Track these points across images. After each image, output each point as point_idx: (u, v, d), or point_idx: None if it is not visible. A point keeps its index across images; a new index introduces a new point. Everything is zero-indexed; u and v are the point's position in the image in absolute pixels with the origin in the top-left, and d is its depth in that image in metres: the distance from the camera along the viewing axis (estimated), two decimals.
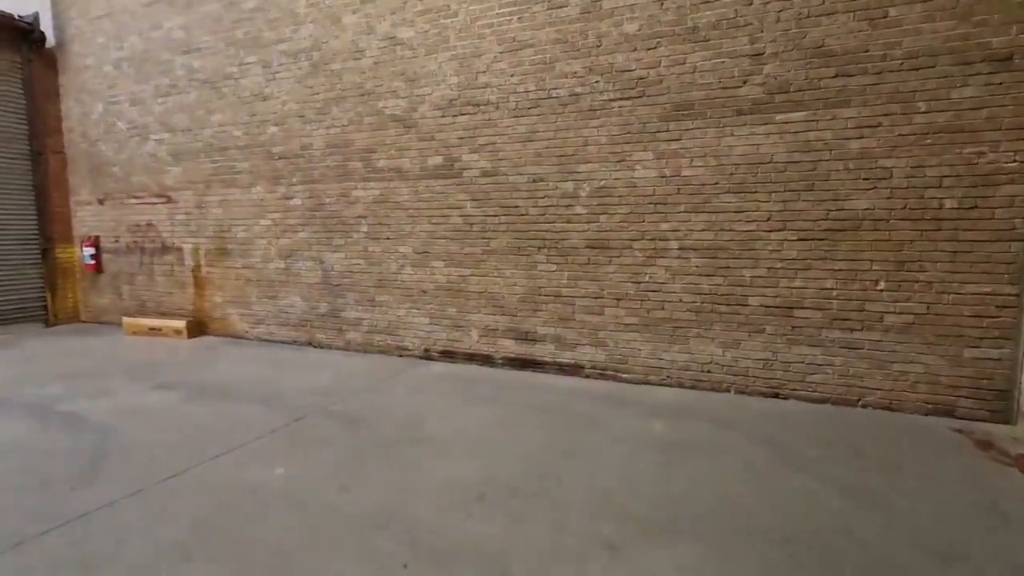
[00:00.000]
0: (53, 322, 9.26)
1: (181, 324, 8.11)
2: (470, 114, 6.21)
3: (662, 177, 5.40)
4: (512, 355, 6.26)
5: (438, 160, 6.45)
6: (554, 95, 5.78)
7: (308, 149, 7.26)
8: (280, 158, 7.49)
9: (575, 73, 5.67)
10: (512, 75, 5.94)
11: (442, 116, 6.36)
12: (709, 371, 5.35)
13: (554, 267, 5.97)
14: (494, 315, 6.31)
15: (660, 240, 5.46)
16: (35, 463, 3.83)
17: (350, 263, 7.15)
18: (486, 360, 6.40)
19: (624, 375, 5.72)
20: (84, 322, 9.63)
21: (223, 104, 7.81)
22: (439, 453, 3.98)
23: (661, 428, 4.44)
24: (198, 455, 3.95)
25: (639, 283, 5.58)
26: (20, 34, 8.70)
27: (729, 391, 5.27)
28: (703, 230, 5.26)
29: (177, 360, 6.86)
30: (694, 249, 5.34)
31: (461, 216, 6.39)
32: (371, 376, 6.05)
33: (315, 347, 7.48)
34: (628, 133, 5.49)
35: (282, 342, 7.73)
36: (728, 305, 5.24)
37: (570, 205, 5.83)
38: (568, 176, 5.80)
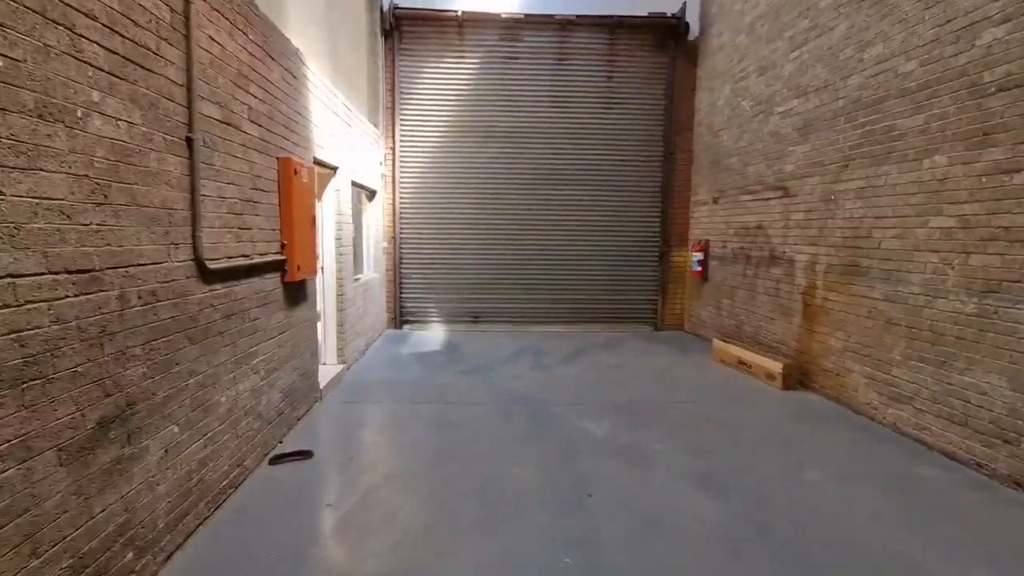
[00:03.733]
0: (660, 327, 9.03)
1: (776, 367, 5.75)
2: None
3: None
4: None
5: None
6: None
7: None
8: (999, 91, 3.66)
9: None
10: None
11: None
12: None
13: None
14: None
15: None
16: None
17: None
18: None
19: None
20: (686, 332, 8.96)
21: (888, 23, 4.65)
22: None
23: None
24: None
25: None
26: (668, 32, 8.52)
27: None
28: None
29: (752, 428, 4.53)
30: None
31: None
32: None
33: None
34: None
35: (944, 452, 4.01)
36: None
37: None
38: None
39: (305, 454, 3.89)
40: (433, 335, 8.42)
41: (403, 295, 8.79)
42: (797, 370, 5.74)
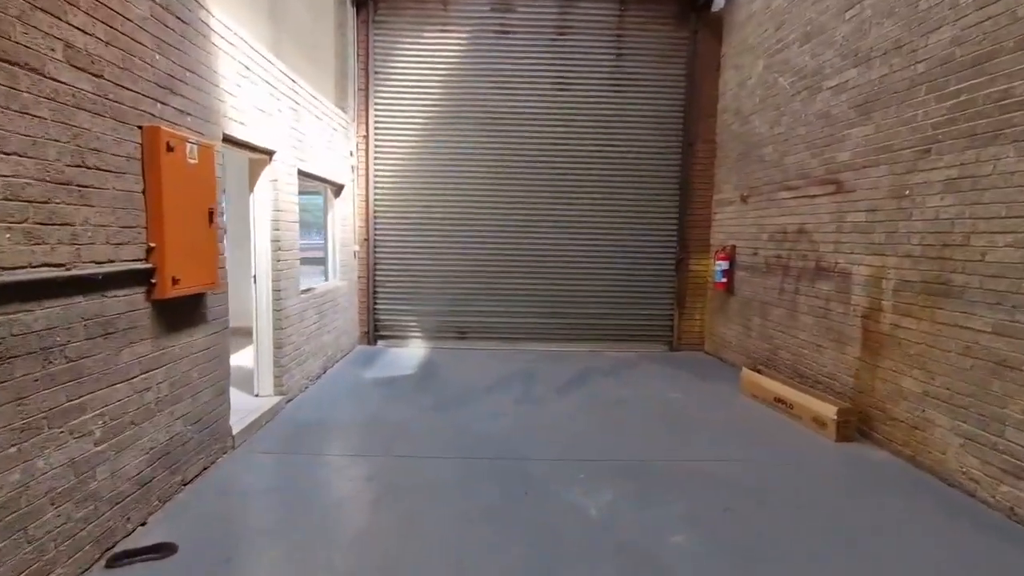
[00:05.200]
0: (676, 346, 7.74)
1: (828, 411, 4.45)
2: None
3: None
4: None
5: None
6: None
7: None
8: None
9: None
10: None
11: None
12: None
13: None
14: None
15: None
16: None
17: None
18: None
19: None
20: (706, 353, 7.67)
21: None
22: None
23: None
24: None
25: None
26: (688, 2, 7.26)
27: None
28: None
29: (808, 508, 3.26)
30: None
31: None
32: None
33: None
34: None
35: None
36: None
37: None
38: None
39: (164, 550, 2.71)
40: (410, 354, 7.23)
41: (377, 307, 7.62)
42: (856, 416, 4.44)
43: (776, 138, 5.98)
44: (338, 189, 6.88)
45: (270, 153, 4.64)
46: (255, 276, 4.72)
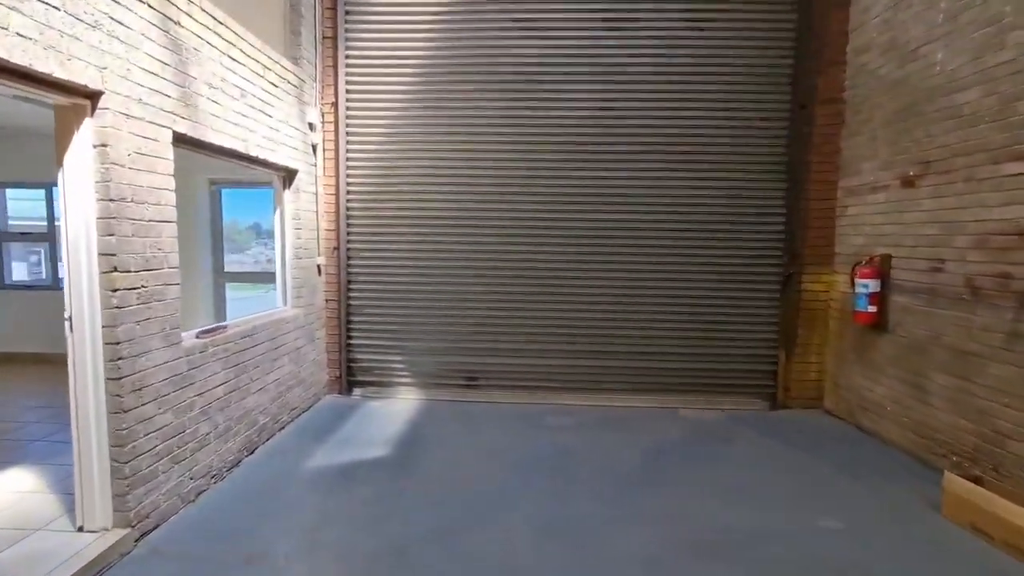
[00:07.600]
0: (782, 402, 5.29)
1: None
2: None
3: None
4: None
5: None
6: None
7: None
8: None
9: None
10: None
11: None
12: None
13: None
14: None
15: None
16: None
17: None
18: None
19: None
20: (828, 413, 5.19)
21: None
22: None
23: None
24: None
25: None
26: None
27: None
28: None
29: None
30: None
31: None
32: None
33: None
34: None
35: None
36: None
37: None
38: None
39: None
40: (393, 413, 5.06)
41: (352, 342, 5.49)
42: None
43: (985, 75, 3.52)
44: (288, 176, 4.79)
45: (90, 95, 2.54)
46: (69, 317, 2.62)
